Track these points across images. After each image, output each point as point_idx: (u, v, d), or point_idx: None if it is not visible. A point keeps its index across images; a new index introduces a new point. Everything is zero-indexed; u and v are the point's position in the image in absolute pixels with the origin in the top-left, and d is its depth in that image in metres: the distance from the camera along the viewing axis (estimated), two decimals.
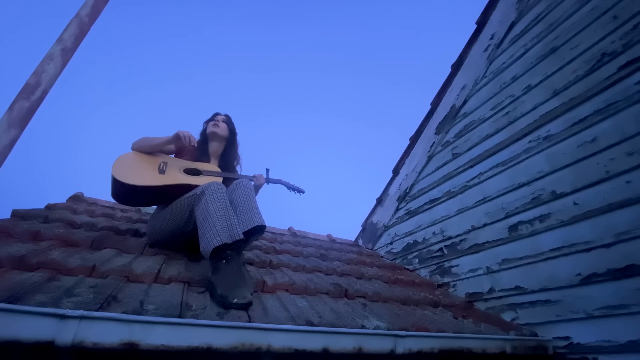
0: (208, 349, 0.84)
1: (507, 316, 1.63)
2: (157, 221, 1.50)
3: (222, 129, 1.84)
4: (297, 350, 0.94)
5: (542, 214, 1.60)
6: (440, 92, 2.63)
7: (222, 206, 1.28)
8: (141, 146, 1.61)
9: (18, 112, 1.10)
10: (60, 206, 1.88)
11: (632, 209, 1.26)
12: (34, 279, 0.92)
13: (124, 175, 1.44)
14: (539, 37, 1.89)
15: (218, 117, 1.90)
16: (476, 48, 2.39)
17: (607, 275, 1.29)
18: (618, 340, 1.21)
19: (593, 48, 1.55)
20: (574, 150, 1.52)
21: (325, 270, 1.86)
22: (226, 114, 1.95)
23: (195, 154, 1.74)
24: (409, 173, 2.78)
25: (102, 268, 1.09)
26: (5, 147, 1.05)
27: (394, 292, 1.70)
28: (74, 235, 1.37)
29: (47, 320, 0.72)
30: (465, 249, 1.99)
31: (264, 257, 1.78)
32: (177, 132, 1.58)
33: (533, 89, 1.84)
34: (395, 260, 2.67)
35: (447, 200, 2.26)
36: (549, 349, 1.38)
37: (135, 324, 0.79)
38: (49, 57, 1.21)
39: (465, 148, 2.23)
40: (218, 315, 0.98)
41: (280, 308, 1.16)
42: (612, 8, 1.50)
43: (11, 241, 1.18)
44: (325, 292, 1.46)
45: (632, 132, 1.31)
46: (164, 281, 1.16)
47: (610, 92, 1.43)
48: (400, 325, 1.21)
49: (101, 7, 1.42)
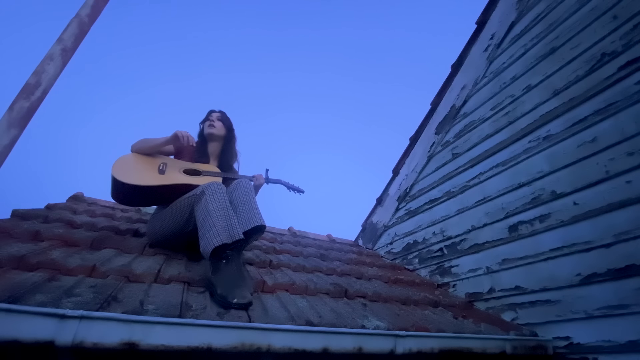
0: (208, 349, 0.84)
1: (507, 316, 1.63)
2: (157, 221, 1.50)
3: (218, 128, 1.83)
4: (297, 350, 0.94)
5: (542, 214, 1.60)
6: (440, 92, 2.63)
7: (222, 206, 1.28)
8: (140, 147, 1.61)
9: (18, 112, 1.10)
10: (60, 206, 1.88)
11: (632, 209, 1.26)
12: (34, 279, 0.92)
13: (123, 175, 1.45)
14: (539, 37, 1.89)
15: (213, 116, 1.88)
16: (476, 48, 2.38)
17: (607, 275, 1.29)
18: (618, 340, 1.21)
19: (593, 48, 1.55)
20: (574, 150, 1.52)
21: (325, 270, 1.86)
22: (220, 110, 1.93)
23: (194, 155, 1.74)
24: (409, 173, 2.78)
25: (102, 268, 1.09)
26: (5, 147, 1.05)
27: (394, 292, 1.70)
28: (74, 235, 1.37)
29: (47, 320, 0.72)
30: (465, 249, 1.99)
31: (264, 257, 1.78)
32: (175, 132, 1.57)
33: (533, 89, 1.84)
34: (395, 260, 2.67)
35: (447, 200, 2.26)
36: (549, 349, 1.38)
37: (135, 324, 0.79)
38: (49, 57, 1.21)
39: (465, 148, 2.23)
40: (218, 315, 0.98)
41: (280, 308, 1.16)
42: (612, 8, 1.50)
43: (11, 241, 1.18)
44: (325, 292, 1.46)
45: (632, 132, 1.31)
46: (164, 281, 1.16)
47: (610, 92, 1.43)
48: (400, 325, 1.21)
49: (101, 7, 1.42)
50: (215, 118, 1.86)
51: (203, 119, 1.91)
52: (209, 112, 1.92)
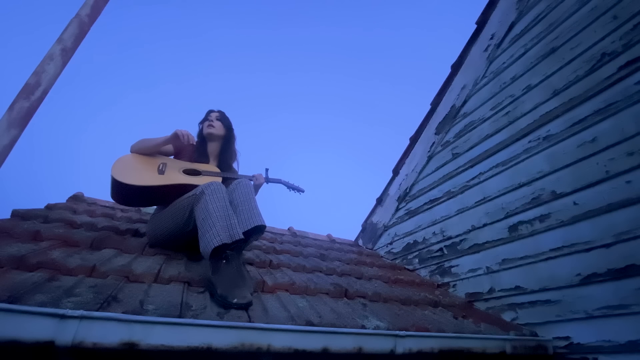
0: (208, 349, 0.84)
1: (507, 316, 1.63)
2: (157, 221, 1.50)
3: (217, 128, 1.83)
4: (297, 350, 0.94)
5: (542, 214, 1.60)
6: (440, 92, 2.63)
7: (221, 206, 1.28)
8: (140, 148, 1.61)
9: (18, 112, 1.10)
10: (60, 206, 1.88)
11: (632, 209, 1.26)
12: (34, 279, 0.92)
13: (123, 176, 1.45)
14: (539, 37, 1.89)
15: (212, 116, 1.87)
16: (476, 48, 2.39)
17: (607, 275, 1.29)
18: (618, 340, 1.21)
19: (593, 48, 1.55)
20: (574, 150, 1.52)
21: (325, 270, 1.86)
22: (219, 110, 1.93)
23: (193, 155, 1.74)
24: (409, 173, 2.78)
25: (102, 268, 1.09)
26: (5, 147, 1.05)
27: (394, 292, 1.70)
28: (74, 235, 1.37)
29: (47, 320, 0.72)
30: (465, 249, 1.99)
31: (264, 257, 1.78)
32: (175, 131, 1.57)
33: (533, 89, 1.84)
34: (395, 260, 2.67)
35: (447, 200, 2.26)
36: (549, 349, 1.38)
37: (135, 324, 0.79)
38: (49, 57, 1.21)
39: (465, 148, 2.23)
40: (218, 315, 0.98)
41: (280, 308, 1.16)
42: (612, 8, 1.50)
43: (11, 241, 1.18)
44: (325, 292, 1.47)
45: (632, 132, 1.31)
46: (164, 281, 1.16)
47: (610, 92, 1.43)
48: (400, 325, 1.21)
49: (101, 7, 1.42)
50: (214, 118, 1.86)
51: (202, 119, 1.91)
52: (207, 112, 1.92)
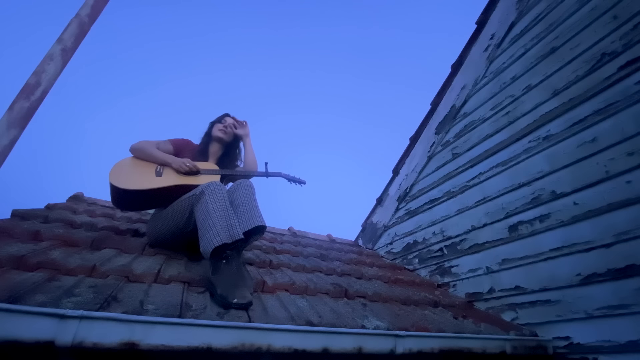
0: (208, 349, 0.84)
1: (507, 316, 1.63)
2: (157, 221, 1.50)
3: (228, 135, 1.83)
4: (297, 350, 0.94)
5: (542, 214, 1.60)
6: (440, 92, 2.63)
7: (221, 206, 1.28)
8: (139, 152, 1.61)
9: (18, 112, 1.10)
10: (60, 206, 1.88)
11: (632, 209, 1.26)
12: (34, 279, 0.92)
13: (121, 182, 1.45)
14: (539, 37, 1.89)
15: (227, 120, 1.85)
16: (476, 48, 2.39)
17: (607, 275, 1.29)
18: (618, 340, 1.21)
19: (593, 48, 1.55)
20: (574, 150, 1.52)
21: (325, 270, 1.86)
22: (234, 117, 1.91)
23: (194, 154, 1.74)
24: (409, 173, 2.78)
25: (102, 268, 1.09)
26: (5, 147, 1.05)
27: (394, 292, 1.70)
28: (74, 235, 1.37)
29: (47, 320, 0.72)
30: (465, 249, 1.99)
31: (264, 257, 1.78)
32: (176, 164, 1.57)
33: (533, 89, 1.84)
34: (395, 260, 2.67)
35: (447, 200, 2.26)
36: (549, 349, 1.38)
37: (135, 324, 0.79)
38: (49, 57, 1.21)
39: (465, 148, 2.23)
40: (218, 315, 0.98)
41: (280, 308, 1.16)
42: (612, 8, 1.50)
43: (11, 241, 1.18)
44: (325, 292, 1.46)
45: (632, 132, 1.31)
46: (164, 281, 1.16)
47: (610, 92, 1.43)
48: (400, 325, 1.21)
49: (101, 7, 1.42)
50: (229, 124, 1.84)
51: (216, 120, 1.89)
52: (224, 114, 1.91)
